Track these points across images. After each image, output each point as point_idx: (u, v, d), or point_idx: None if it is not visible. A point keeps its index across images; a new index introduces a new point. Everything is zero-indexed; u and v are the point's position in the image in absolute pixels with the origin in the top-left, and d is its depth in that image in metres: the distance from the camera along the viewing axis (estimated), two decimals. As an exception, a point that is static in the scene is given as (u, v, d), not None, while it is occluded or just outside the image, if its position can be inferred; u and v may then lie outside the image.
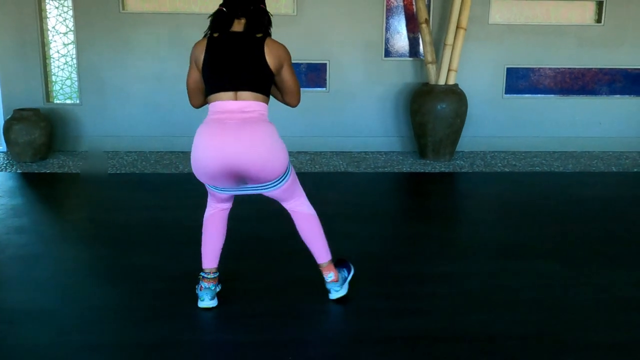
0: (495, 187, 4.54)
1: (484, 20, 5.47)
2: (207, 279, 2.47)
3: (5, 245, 3.22)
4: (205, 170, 2.26)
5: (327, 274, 2.51)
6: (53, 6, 5.37)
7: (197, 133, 2.29)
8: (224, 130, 2.21)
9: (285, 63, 2.34)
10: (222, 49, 2.28)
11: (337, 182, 4.61)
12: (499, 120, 5.65)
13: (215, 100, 2.28)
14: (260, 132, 2.23)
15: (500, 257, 3.09)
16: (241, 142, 2.19)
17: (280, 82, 2.39)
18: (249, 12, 2.31)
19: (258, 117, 2.27)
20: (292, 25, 5.39)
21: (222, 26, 2.31)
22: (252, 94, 2.26)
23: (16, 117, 5.00)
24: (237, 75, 2.25)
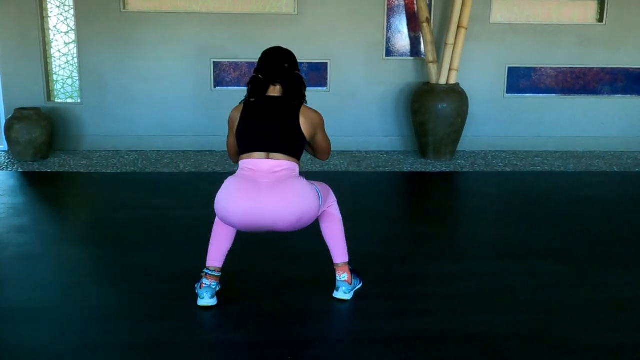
0: (496, 186, 4.53)
1: (485, 19, 5.46)
2: (210, 276, 2.47)
3: (6, 245, 3.23)
4: (232, 224, 2.34)
5: (342, 274, 2.56)
6: (54, 5, 5.37)
7: (228, 184, 2.35)
8: (258, 190, 2.28)
9: (319, 129, 2.44)
10: (257, 112, 2.37)
11: (337, 182, 4.58)
12: (500, 120, 5.64)
13: (247, 158, 2.35)
14: (292, 189, 2.31)
15: (501, 257, 3.09)
16: (276, 203, 2.27)
17: (314, 144, 2.50)
18: (284, 78, 2.39)
19: (288, 174, 2.34)
20: (293, 25, 5.38)
21: (258, 92, 2.39)
22: (284, 155, 2.34)
23: (17, 117, 5.00)
24: (271, 138, 2.33)
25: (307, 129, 2.37)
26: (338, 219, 2.58)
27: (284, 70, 2.40)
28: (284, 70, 2.40)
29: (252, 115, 2.37)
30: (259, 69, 2.43)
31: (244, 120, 2.37)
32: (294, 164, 2.38)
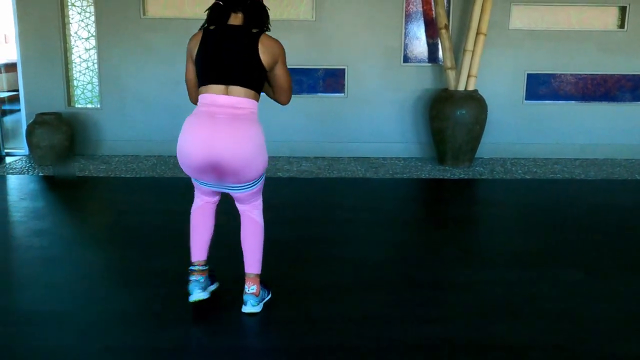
0: (515, 194, 4.48)
1: (504, 25, 5.42)
2: (196, 271, 2.46)
3: (26, 248, 3.26)
4: (190, 161, 2.26)
5: (251, 286, 2.46)
6: (75, 12, 5.45)
7: (186, 124, 2.28)
8: (214, 124, 2.22)
9: (280, 59, 2.33)
10: (216, 41, 2.28)
11: (355, 188, 4.59)
12: (519, 127, 5.59)
13: (207, 92, 2.28)
14: (249, 131, 2.25)
15: (521, 266, 3.04)
16: (230, 139, 2.21)
17: (273, 78, 2.38)
18: (246, 6, 2.31)
19: (248, 115, 2.28)
20: (311, 31, 5.40)
21: (218, 19, 2.31)
22: (244, 89, 2.26)
23: (38, 121, 5.07)
24: (230, 69, 2.25)
25: (266, 58, 2.26)
26: (261, 226, 2.49)
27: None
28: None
29: (211, 44, 2.27)
30: None
31: (202, 49, 2.28)
32: (254, 102, 2.29)
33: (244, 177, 2.29)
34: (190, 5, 5.39)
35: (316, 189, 4.56)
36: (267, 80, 2.41)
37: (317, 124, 5.55)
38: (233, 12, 2.31)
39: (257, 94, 2.32)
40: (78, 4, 5.43)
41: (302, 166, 5.20)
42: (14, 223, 3.71)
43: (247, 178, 2.31)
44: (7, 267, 3.05)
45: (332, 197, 4.38)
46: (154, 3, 5.41)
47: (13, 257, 3.18)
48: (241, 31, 2.29)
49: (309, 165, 5.25)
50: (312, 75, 5.55)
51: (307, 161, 5.38)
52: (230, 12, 2.31)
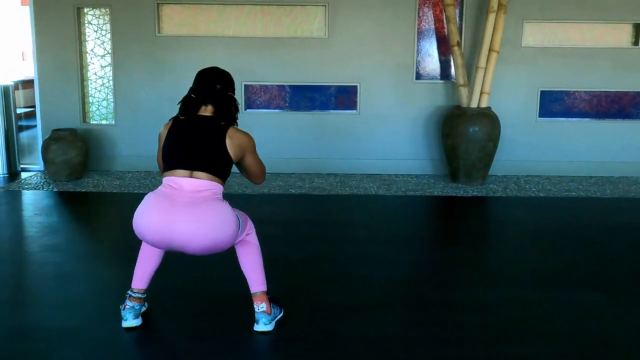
0: (529, 212, 4.44)
1: (517, 43, 5.42)
2: (133, 297, 2.48)
3: (41, 263, 3.28)
4: (144, 238, 2.31)
5: (260, 304, 2.45)
6: (92, 30, 5.54)
7: (146, 199, 2.31)
8: (172, 208, 2.22)
9: (248, 151, 2.40)
10: (184, 130, 2.34)
11: (367, 205, 4.57)
12: (532, 144, 5.55)
13: (170, 175, 2.31)
14: (210, 210, 2.24)
15: (536, 285, 3.00)
16: (187, 226, 2.20)
17: (244, 166, 2.45)
18: (216, 99, 2.38)
19: (210, 195, 2.29)
20: (324, 48, 5.43)
21: (189, 111, 2.38)
22: (208, 175, 2.29)
23: (54, 137, 5.13)
24: (195, 157, 2.29)
25: (234, 150, 2.32)
26: (256, 246, 2.50)
27: (215, 92, 2.38)
28: (215, 92, 2.38)
29: (179, 132, 2.34)
30: (193, 87, 2.43)
31: (170, 136, 2.35)
32: (218, 185, 2.32)
33: (213, 251, 2.31)
34: (204, 23, 5.46)
35: (328, 206, 4.55)
36: (240, 166, 2.46)
37: (329, 141, 5.56)
38: (204, 104, 2.38)
39: (222, 180, 2.35)
40: (94, 22, 5.52)
41: (315, 183, 5.20)
42: (29, 238, 3.74)
43: (217, 251, 2.32)
44: (22, 282, 3.07)
45: (344, 214, 4.37)
46: (168, 21, 5.49)
47: (28, 272, 3.20)
48: (210, 122, 2.35)
49: (321, 182, 5.24)
50: (324, 92, 5.57)
51: (320, 178, 5.38)
52: (201, 104, 2.38)
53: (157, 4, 5.38)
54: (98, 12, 5.50)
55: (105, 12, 5.47)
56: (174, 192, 2.26)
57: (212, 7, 5.41)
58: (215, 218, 2.24)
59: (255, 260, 2.47)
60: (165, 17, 5.48)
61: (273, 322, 2.48)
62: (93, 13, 5.51)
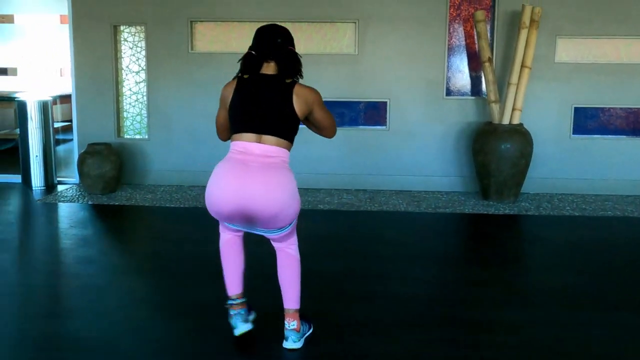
0: (564, 231, 4.33)
1: (550, 59, 5.35)
2: (236, 304, 2.47)
3: (75, 275, 3.35)
4: (219, 207, 2.27)
5: (291, 322, 2.43)
6: (127, 47, 5.69)
7: (217, 169, 2.30)
8: (246, 172, 2.22)
9: (315, 106, 2.36)
10: (250, 91, 2.31)
11: (396, 222, 4.54)
12: (566, 162, 5.44)
13: (239, 139, 2.30)
14: (281, 179, 2.25)
15: (572, 307, 2.92)
16: (262, 187, 2.20)
17: (313, 121, 2.42)
18: (278, 55, 2.32)
19: (280, 163, 2.28)
20: (354, 65, 5.46)
21: (251, 69, 2.33)
22: (276, 139, 2.28)
23: (89, 151, 5.26)
24: (263, 119, 2.27)
25: (301, 108, 2.29)
26: (297, 260, 2.47)
27: (277, 46, 2.32)
28: (277, 46, 2.32)
29: (244, 93, 2.30)
30: (253, 45, 2.36)
31: (236, 98, 2.31)
32: (286, 151, 2.30)
33: (275, 224, 2.30)
34: (236, 40, 5.55)
35: (357, 222, 4.53)
36: (309, 122, 2.44)
37: (358, 157, 5.56)
38: (265, 62, 2.34)
39: (289, 143, 2.34)
40: (130, 39, 5.67)
41: (343, 199, 5.19)
42: (64, 250, 3.83)
43: (279, 224, 2.31)
44: (56, 293, 3.13)
45: (373, 231, 4.34)
46: (201, 38, 5.60)
47: (62, 284, 3.27)
48: (274, 80, 2.31)
49: (350, 197, 5.23)
50: (354, 108, 5.58)
51: (348, 194, 5.37)
52: (263, 62, 2.34)
53: (190, 22, 5.50)
54: (134, 29, 5.65)
55: (141, 30, 5.62)
56: (245, 157, 2.25)
57: (244, 24, 5.50)
58: (285, 185, 2.25)
59: (294, 276, 2.45)
60: (198, 34, 5.59)
61: (302, 339, 2.46)
62: (129, 31, 5.66)
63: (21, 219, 4.64)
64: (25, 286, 3.22)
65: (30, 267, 3.54)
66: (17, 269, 3.51)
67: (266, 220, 2.25)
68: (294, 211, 2.31)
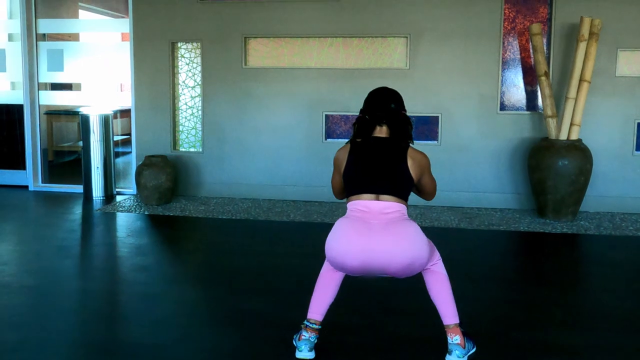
0: (626, 252, 4.13)
1: (611, 72, 5.16)
2: (310, 328, 2.45)
3: (131, 283, 3.45)
4: (342, 263, 2.30)
5: (454, 336, 2.41)
6: (184, 62, 5.88)
7: (339, 225, 2.33)
8: (369, 229, 2.26)
9: (426, 171, 2.42)
10: (365, 153, 2.38)
11: (448, 239, 4.45)
12: (629, 179, 5.20)
13: (357, 199, 2.34)
14: (405, 232, 2.27)
15: (633, 331, 2.77)
16: (388, 242, 2.23)
17: (420, 185, 2.47)
18: (391, 119, 2.39)
19: (400, 216, 2.31)
20: (405, 79, 5.43)
21: (365, 132, 2.41)
22: (393, 197, 2.32)
23: (146, 163, 5.44)
24: (380, 180, 2.32)
25: (415, 170, 2.35)
26: (445, 276, 2.46)
27: (390, 111, 2.39)
28: (390, 111, 2.39)
29: (360, 156, 2.37)
30: (365, 109, 2.44)
31: (352, 161, 2.37)
32: (404, 206, 2.34)
33: (413, 272, 2.33)
34: (288, 55, 5.64)
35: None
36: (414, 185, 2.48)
37: (409, 171, 5.50)
38: (378, 125, 2.41)
39: (405, 202, 2.38)
40: (187, 55, 5.86)
41: (393, 213, 5.13)
42: (121, 258, 3.96)
43: (416, 272, 2.34)
44: (113, 300, 3.23)
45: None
46: (254, 54, 5.72)
47: (118, 290, 3.38)
48: (389, 143, 2.38)
49: (400, 212, 5.17)
50: (405, 123, 5.54)
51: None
52: (376, 125, 2.41)
53: (244, 38, 5.64)
54: (190, 46, 5.84)
55: (197, 47, 5.80)
56: (365, 215, 2.31)
57: (296, 40, 5.59)
58: (411, 235, 2.28)
59: (444, 291, 2.45)
60: (252, 50, 5.72)
61: (466, 356, 2.42)
62: (186, 47, 5.85)
63: (82, 228, 4.84)
64: (83, 291, 3.34)
65: (89, 274, 3.68)
66: (77, 275, 3.65)
67: (400, 272, 2.30)
68: (426, 257, 2.32)
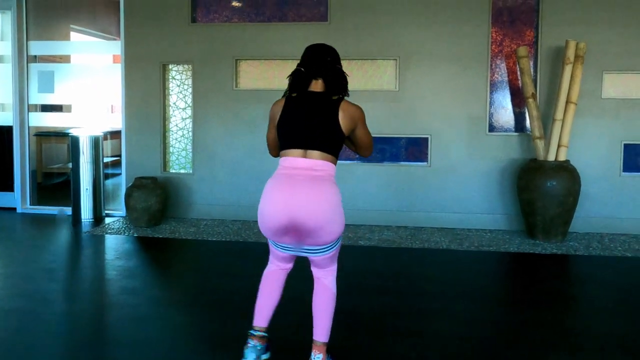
0: (615, 273, 4.15)
1: (597, 94, 5.24)
2: (255, 336, 2.46)
3: (120, 305, 3.41)
4: (270, 223, 2.32)
5: (317, 354, 2.41)
6: (175, 84, 5.90)
7: (266, 186, 2.38)
8: (293, 185, 2.30)
9: (359, 123, 2.43)
10: (297, 108, 2.39)
11: (439, 260, 4.45)
12: (617, 200, 5.25)
13: (286, 155, 2.38)
14: (327, 191, 2.30)
15: (626, 353, 2.77)
16: (309, 198, 2.26)
17: (354, 138, 2.48)
18: (326, 73, 2.42)
19: (326, 176, 2.34)
20: (394, 101, 5.48)
21: (299, 86, 2.43)
22: (321, 153, 2.35)
23: (136, 185, 5.41)
24: (309, 134, 2.34)
25: (346, 123, 2.36)
26: (333, 294, 2.47)
27: (326, 64, 2.41)
28: (326, 64, 2.41)
29: (292, 110, 2.39)
30: (301, 63, 2.46)
31: (284, 115, 2.39)
32: (332, 165, 2.36)
33: (322, 238, 2.32)
34: (278, 77, 5.68)
35: (398, 259, 4.47)
36: (349, 139, 2.51)
37: (399, 193, 5.52)
38: (314, 79, 2.43)
39: (335, 157, 2.40)
40: (178, 77, 5.89)
41: (384, 235, 5.14)
42: (109, 281, 3.91)
43: (324, 239, 2.33)
44: (101, 323, 3.19)
45: (414, 268, 4.27)
46: (245, 76, 5.76)
47: (106, 313, 3.33)
48: (322, 98, 2.40)
49: (391, 234, 5.18)
50: (395, 144, 5.59)
51: (389, 230, 5.31)
52: (311, 79, 2.43)
53: (235, 60, 5.68)
54: (181, 68, 5.87)
55: (188, 68, 5.83)
56: (292, 171, 2.33)
57: (286, 62, 5.64)
58: (332, 200, 2.30)
59: (328, 308, 2.45)
60: (243, 72, 5.76)
61: None
62: (177, 69, 5.88)
63: (69, 250, 4.79)
64: (71, 315, 3.29)
65: (76, 297, 3.63)
66: (64, 297, 3.60)
67: (313, 231, 2.28)
68: (339, 226, 2.34)
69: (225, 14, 5.77)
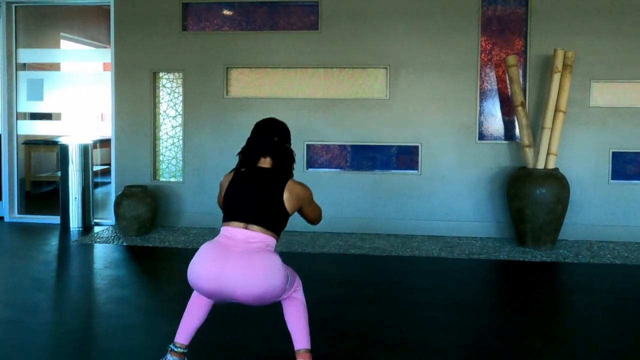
0: (604, 280, 4.17)
1: (585, 103, 5.29)
2: (175, 352, 2.49)
3: (107, 315, 3.37)
4: (199, 285, 2.35)
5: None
6: (166, 92, 5.89)
7: (201, 248, 2.40)
8: (227, 257, 2.31)
9: (305, 203, 2.49)
10: (245, 183, 2.45)
11: (429, 268, 4.45)
12: (605, 208, 5.29)
13: (227, 225, 2.41)
14: (262, 258, 2.31)
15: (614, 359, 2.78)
16: (242, 271, 2.27)
17: (302, 214, 2.55)
18: (273, 152, 2.48)
19: (262, 246, 2.35)
20: (385, 109, 5.50)
21: (248, 162, 2.50)
22: (262, 228, 2.37)
23: (126, 193, 5.38)
24: (251, 210, 2.38)
25: (292, 203, 2.40)
26: (302, 303, 2.51)
27: (273, 144, 2.48)
28: (273, 144, 2.48)
29: (238, 184, 2.45)
30: (251, 139, 2.53)
31: (230, 188, 2.46)
32: (271, 239, 2.38)
33: (264, 303, 2.37)
34: (269, 85, 5.69)
35: (389, 267, 4.46)
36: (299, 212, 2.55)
37: (390, 201, 5.53)
38: (262, 157, 2.49)
39: (275, 234, 2.42)
40: (168, 85, 5.88)
41: (375, 243, 5.14)
42: (98, 290, 3.88)
43: (267, 303, 2.39)
44: (89, 333, 3.15)
45: (405, 276, 4.27)
46: (235, 84, 5.76)
47: (95, 323, 3.30)
48: (269, 175, 2.45)
49: (382, 242, 5.18)
50: (385, 152, 5.60)
51: (380, 238, 5.31)
52: (260, 156, 2.49)
53: (225, 68, 5.68)
54: (172, 76, 5.86)
55: (178, 76, 5.82)
56: (228, 241, 2.36)
57: (277, 70, 5.65)
58: (265, 267, 2.30)
59: (300, 317, 2.48)
60: (233, 80, 5.76)
61: None
62: (167, 77, 5.87)
63: (58, 259, 4.74)
64: (58, 324, 3.25)
65: (64, 306, 3.59)
66: (52, 307, 3.56)
67: (251, 301, 2.33)
68: (278, 288, 2.34)
69: (216, 22, 5.77)
